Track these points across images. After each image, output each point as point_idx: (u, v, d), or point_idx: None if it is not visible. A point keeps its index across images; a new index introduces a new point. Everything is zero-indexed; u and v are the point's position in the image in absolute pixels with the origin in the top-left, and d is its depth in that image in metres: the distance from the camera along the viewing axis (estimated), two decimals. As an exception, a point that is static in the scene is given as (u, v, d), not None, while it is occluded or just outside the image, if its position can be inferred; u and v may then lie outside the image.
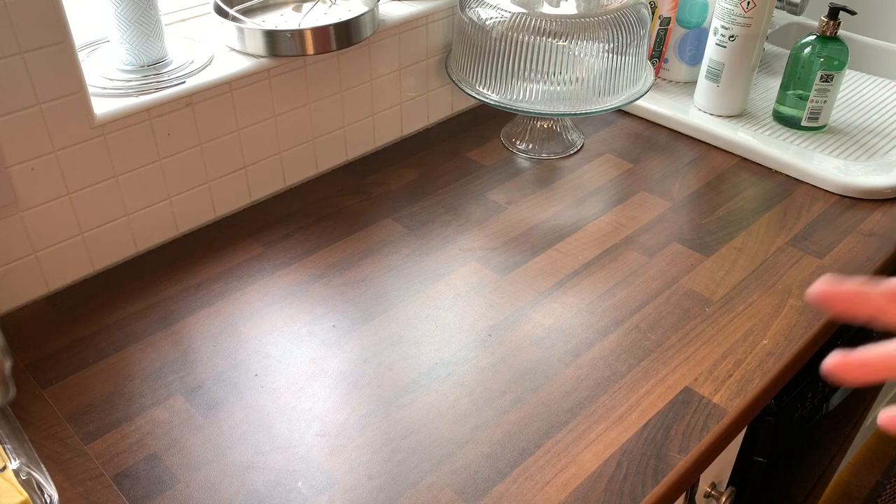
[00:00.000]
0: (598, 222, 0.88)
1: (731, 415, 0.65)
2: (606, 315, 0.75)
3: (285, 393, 0.67)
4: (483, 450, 0.62)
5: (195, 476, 0.60)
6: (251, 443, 0.63)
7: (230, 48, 0.85)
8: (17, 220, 0.72)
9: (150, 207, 0.81)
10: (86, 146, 0.73)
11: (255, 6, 0.92)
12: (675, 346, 0.72)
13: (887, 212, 0.90)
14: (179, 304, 0.77)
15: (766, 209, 0.90)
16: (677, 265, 0.82)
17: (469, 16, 0.93)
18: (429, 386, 0.68)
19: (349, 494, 0.59)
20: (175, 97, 0.77)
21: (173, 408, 0.66)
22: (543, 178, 0.97)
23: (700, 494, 0.77)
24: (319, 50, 0.85)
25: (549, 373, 0.69)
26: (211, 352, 0.71)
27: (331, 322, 0.74)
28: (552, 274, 0.81)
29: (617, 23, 0.89)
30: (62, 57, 0.68)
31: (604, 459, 0.61)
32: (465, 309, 0.76)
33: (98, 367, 0.69)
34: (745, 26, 0.97)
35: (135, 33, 0.78)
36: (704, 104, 1.05)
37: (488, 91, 0.94)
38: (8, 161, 0.69)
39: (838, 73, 0.97)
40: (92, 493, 0.59)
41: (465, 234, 0.86)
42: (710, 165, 0.99)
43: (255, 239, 0.85)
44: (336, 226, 0.88)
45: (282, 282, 0.79)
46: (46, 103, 0.69)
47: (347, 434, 0.63)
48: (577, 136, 1.04)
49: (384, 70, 0.96)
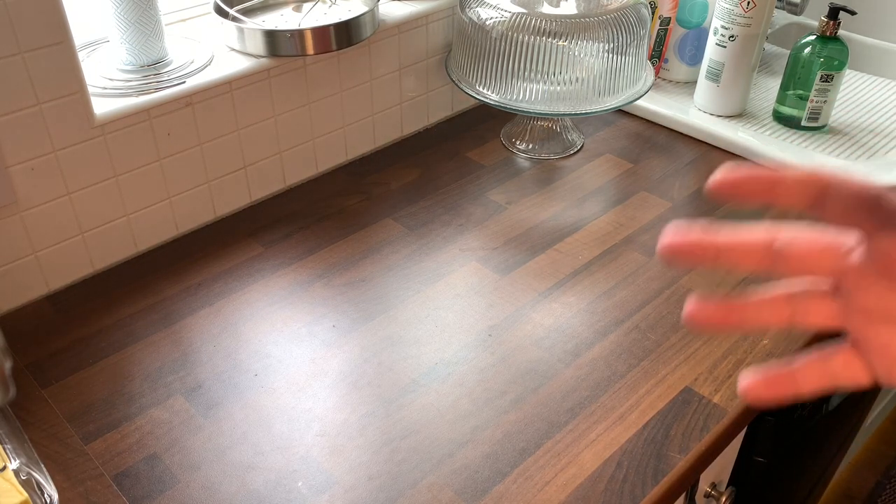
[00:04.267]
0: (598, 222, 0.88)
1: (731, 415, 0.65)
2: (606, 315, 0.75)
3: (285, 393, 0.67)
4: (483, 450, 0.62)
5: (195, 476, 0.60)
6: (251, 443, 0.63)
7: (230, 48, 0.85)
8: (17, 220, 0.72)
9: (149, 207, 0.81)
10: (86, 146, 0.73)
11: (255, 6, 0.92)
12: (675, 346, 0.72)
13: (887, 212, 0.89)
14: (179, 304, 0.77)
15: (766, 209, 0.90)
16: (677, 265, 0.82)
17: (469, 16, 0.93)
18: (429, 386, 0.68)
19: (349, 494, 0.59)
20: (175, 97, 0.77)
21: (173, 408, 0.66)
22: (543, 178, 0.97)
23: (700, 494, 0.77)
24: (319, 50, 0.85)
25: (549, 373, 0.69)
26: (211, 352, 0.71)
27: (331, 322, 0.74)
28: (552, 274, 0.81)
29: (617, 23, 0.89)
30: (62, 57, 0.68)
31: (604, 459, 0.61)
32: (465, 309, 0.76)
33: (98, 367, 0.69)
34: (745, 26, 0.97)
35: (135, 33, 0.78)
36: (704, 104, 1.05)
37: (488, 91, 0.94)
38: (8, 161, 0.69)
39: (838, 73, 0.97)
40: (92, 493, 0.59)
41: (465, 234, 0.86)
42: (710, 165, 0.99)
43: (255, 239, 0.85)
44: (336, 226, 0.88)
45: (282, 282, 0.79)
46: (46, 103, 0.69)
47: (347, 434, 0.63)
48: (577, 136, 1.04)
49: (384, 70, 0.96)
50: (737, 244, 0.32)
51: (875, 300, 0.31)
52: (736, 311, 0.33)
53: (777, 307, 0.33)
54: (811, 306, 0.33)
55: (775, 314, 0.33)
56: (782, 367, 0.33)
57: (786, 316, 0.33)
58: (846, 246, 0.31)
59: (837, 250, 0.31)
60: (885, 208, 0.29)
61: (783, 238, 0.32)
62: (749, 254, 0.32)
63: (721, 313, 0.33)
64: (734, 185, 0.30)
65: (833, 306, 0.32)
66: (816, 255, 0.31)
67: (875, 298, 0.31)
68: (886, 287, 0.30)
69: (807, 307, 0.33)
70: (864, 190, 0.29)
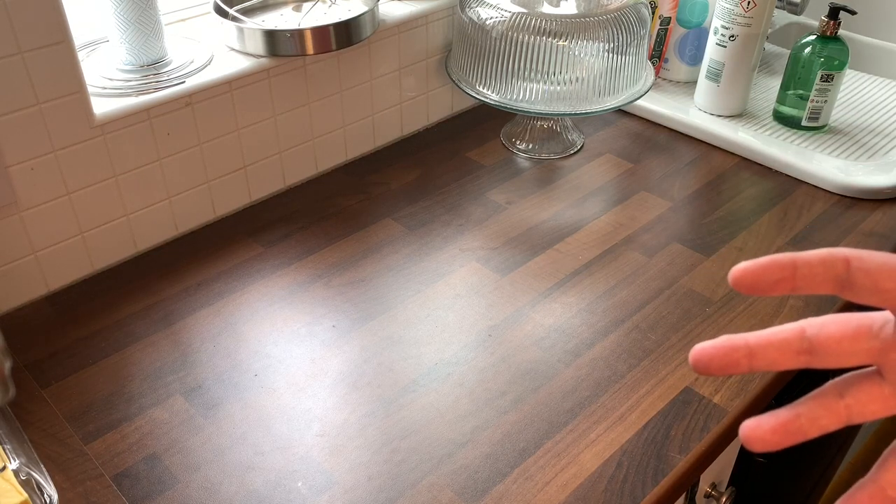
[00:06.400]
0: (598, 222, 0.88)
1: (732, 415, 0.65)
2: (606, 315, 0.75)
3: (285, 393, 0.67)
4: (483, 450, 0.62)
5: (195, 476, 0.60)
6: (251, 443, 0.63)
7: (230, 48, 0.85)
8: (17, 220, 0.72)
9: (149, 207, 0.81)
10: (85, 146, 0.73)
11: (255, 6, 0.92)
12: (676, 346, 0.72)
13: (887, 212, 0.90)
14: (179, 304, 0.76)
15: (766, 209, 0.90)
16: (677, 265, 0.82)
17: (469, 16, 0.93)
18: (429, 386, 0.68)
19: (349, 494, 0.59)
20: (175, 97, 0.77)
21: (173, 408, 0.66)
22: (543, 178, 0.96)
23: (700, 494, 0.77)
24: (319, 50, 0.84)
25: (549, 373, 0.69)
26: (211, 352, 0.71)
27: (331, 322, 0.74)
28: (552, 274, 0.81)
29: (617, 23, 0.89)
30: (62, 57, 0.68)
31: (604, 460, 0.61)
32: (465, 309, 0.76)
33: (98, 367, 0.69)
34: (746, 26, 0.97)
35: (134, 33, 0.78)
36: (704, 104, 1.05)
37: (488, 91, 0.94)
38: (8, 161, 0.69)
39: (838, 72, 0.97)
40: (92, 493, 0.59)
41: (465, 234, 0.86)
42: (710, 165, 0.99)
43: (255, 239, 0.85)
44: (336, 226, 0.88)
45: (282, 282, 0.79)
46: (46, 103, 0.69)
47: (347, 434, 0.63)
48: (577, 136, 1.04)
49: (384, 70, 0.96)
50: (768, 342, 0.31)
51: None
52: (792, 424, 0.31)
53: (832, 409, 0.31)
54: (863, 395, 0.31)
55: (832, 417, 0.31)
56: (867, 489, 0.32)
57: (844, 416, 0.31)
58: (877, 323, 0.30)
59: (870, 329, 0.30)
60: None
61: (812, 328, 0.31)
62: (783, 350, 0.31)
63: (779, 433, 0.31)
64: (755, 275, 0.30)
65: (885, 389, 0.31)
66: (850, 339, 0.30)
67: None
68: None
69: (860, 398, 0.31)
70: (888, 260, 0.29)
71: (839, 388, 0.32)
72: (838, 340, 0.30)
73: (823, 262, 0.29)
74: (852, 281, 0.29)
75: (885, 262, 0.29)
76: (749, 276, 0.30)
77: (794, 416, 0.31)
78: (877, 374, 0.31)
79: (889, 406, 0.31)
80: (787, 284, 0.30)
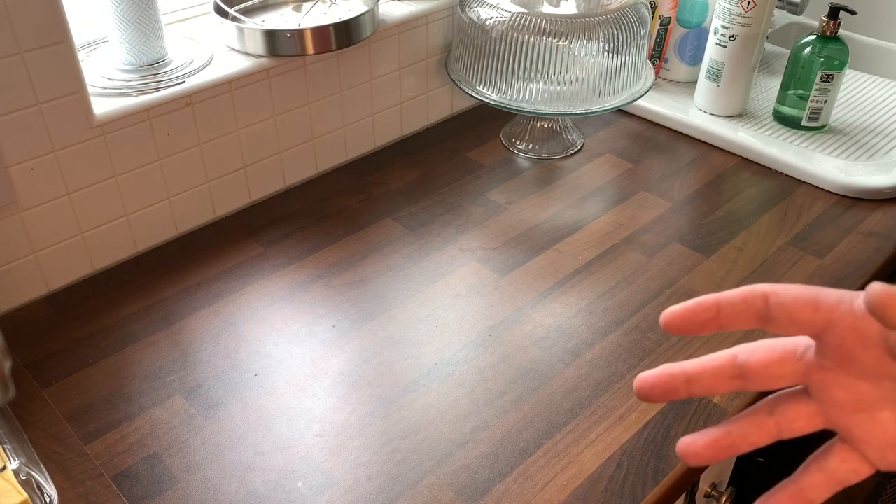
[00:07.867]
0: (598, 222, 0.88)
1: (731, 415, 0.65)
2: (606, 315, 0.75)
3: (285, 393, 0.67)
4: (483, 450, 0.62)
5: (195, 476, 0.60)
6: (251, 443, 0.63)
7: (230, 48, 0.85)
8: (17, 220, 0.72)
9: (149, 207, 0.81)
10: (85, 146, 0.73)
11: (255, 6, 0.92)
12: (676, 346, 0.72)
13: (887, 212, 0.90)
14: (179, 304, 0.76)
15: (766, 209, 0.90)
16: (677, 265, 0.82)
17: (469, 15, 0.93)
18: (429, 386, 0.68)
19: (349, 495, 0.59)
20: (175, 97, 0.77)
21: (173, 408, 0.66)
22: (543, 178, 0.96)
23: (700, 495, 0.77)
24: (319, 50, 0.84)
25: (549, 373, 0.69)
26: (211, 352, 0.71)
27: (331, 322, 0.74)
28: (552, 274, 0.81)
29: (617, 23, 0.89)
30: (62, 57, 0.68)
31: (604, 460, 0.61)
32: (465, 309, 0.76)
33: (98, 367, 0.69)
34: (746, 26, 0.97)
35: (134, 33, 0.78)
36: (704, 104, 1.05)
37: (488, 91, 0.94)
38: (8, 161, 0.69)
39: (838, 72, 0.97)
40: (92, 493, 0.59)
41: (465, 234, 0.86)
42: (710, 165, 0.99)
43: (255, 239, 0.85)
44: (336, 226, 0.88)
45: (282, 282, 0.79)
46: (46, 103, 0.69)
47: (347, 434, 0.63)
48: (577, 136, 1.04)
49: (384, 70, 0.96)
50: (703, 370, 0.34)
51: (842, 393, 0.32)
52: (724, 440, 0.34)
53: (761, 426, 0.34)
54: (790, 413, 0.34)
55: (762, 433, 0.34)
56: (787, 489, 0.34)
57: (774, 432, 0.34)
58: (800, 347, 0.33)
59: (794, 353, 0.33)
60: (823, 305, 0.30)
61: (744, 354, 0.33)
62: (717, 377, 0.34)
63: (711, 448, 0.34)
64: (682, 318, 0.32)
65: (812, 408, 0.33)
66: (776, 363, 0.33)
67: (842, 391, 0.32)
68: (848, 376, 0.31)
69: (787, 416, 0.34)
70: (802, 293, 0.31)
71: (770, 407, 0.34)
72: (766, 366, 0.33)
73: (745, 301, 0.32)
74: (771, 315, 0.31)
75: (798, 296, 0.31)
76: (678, 319, 0.32)
77: (726, 434, 0.34)
78: (804, 393, 0.34)
79: (814, 423, 0.34)
80: (713, 324, 0.32)
